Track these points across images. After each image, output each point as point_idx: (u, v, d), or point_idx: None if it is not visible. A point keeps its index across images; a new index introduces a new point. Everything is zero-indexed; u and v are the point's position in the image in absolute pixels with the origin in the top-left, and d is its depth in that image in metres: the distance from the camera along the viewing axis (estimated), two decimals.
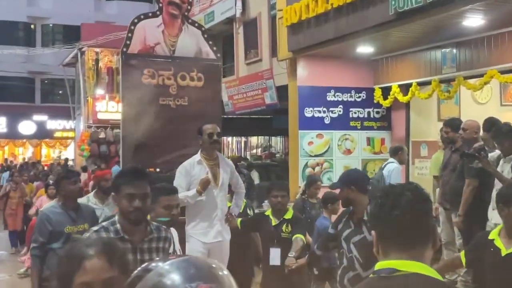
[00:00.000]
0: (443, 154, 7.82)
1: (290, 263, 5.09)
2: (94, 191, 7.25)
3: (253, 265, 6.97)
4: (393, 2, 7.85)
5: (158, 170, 8.71)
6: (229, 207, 6.20)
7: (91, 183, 10.90)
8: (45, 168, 22.38)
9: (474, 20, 7.84)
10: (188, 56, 7.74)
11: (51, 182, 12.32)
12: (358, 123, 10.71)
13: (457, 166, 7.21)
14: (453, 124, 7.61)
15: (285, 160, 14.09)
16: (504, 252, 3.84)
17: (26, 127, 31.92)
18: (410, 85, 9.66)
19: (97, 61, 19.85)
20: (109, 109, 18.99)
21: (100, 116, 18.91)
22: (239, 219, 6.10)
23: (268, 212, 5.82)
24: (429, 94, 9.37)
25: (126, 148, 7.34)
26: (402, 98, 9.88)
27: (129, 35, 7.37)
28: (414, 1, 7.55)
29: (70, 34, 28.64)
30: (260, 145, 21.14)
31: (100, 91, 19.59)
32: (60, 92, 30.66)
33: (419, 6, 7.50)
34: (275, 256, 5.51)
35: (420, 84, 9.55)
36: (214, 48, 7.95)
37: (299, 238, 5.41)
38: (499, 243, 3.91)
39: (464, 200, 6.60)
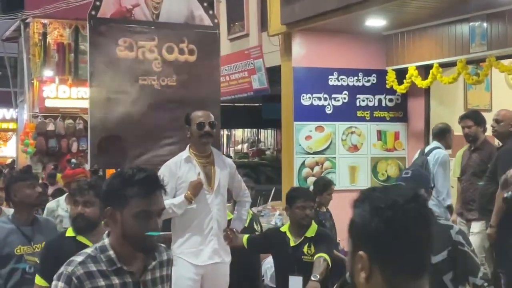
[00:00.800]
0: (462, 155, 7.87)
1: None
2: (65, 195, 6.88)
3: None
4: None
5: None
6: (230, 219, 5.80)
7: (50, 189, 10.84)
8: None
9: None
10: (177, 22, 7.13)
11: None
12: (367, 113, 10.73)
13: (481, 168, 7.28)
14: (476, 117, 7.63)
15: (277, 159, 14.12)
16: None
17: None
18: (431, 66, 9.69)
19: (44, 35, 19.83)
20: (60, 95, 18.96)
21: (49, 103, 18.89)
22: (246, 236, 5.69)
23: (285, 228, 5.52)
24: (454, 77, 9.37)
25: (95, 142, 6.65)
26: (420, 83, 9.90)
27: None
28: None
29: (12, 2, 28.52)
30: (247, 139, 21.16)
31: (48, 73, 19.58)
32: (0, 73, 30.49)
33: None
34: (296, 286, 5.16)
35: (443, 65, 9.59)
36: (210, 12, 7.40)
37: (322, 258, 5.13)
38: None
39: (497, 208, 6.62)
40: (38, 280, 4.22)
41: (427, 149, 8.62)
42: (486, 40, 8.94)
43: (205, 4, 7.21)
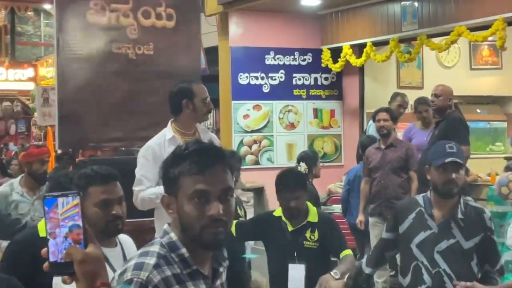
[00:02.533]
0: (367, 154, 7.86)
1: (323, 284, 4.35)
2: (21, 176, 6.42)
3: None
4: None
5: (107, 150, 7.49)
6: None
7: None
8: None
9: None
10: None
11: None
12: (303, 92, 10.75)
13: (399, 165, 7.46)
14: (392, 114, 7.71)
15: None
16: None
17: None
18: (364, 45, 9.75)
19: None
20: None
21: None
22: (234, 222, 4.83)
23: (279, 212, 4.86)
24: (386, 56, 9.45)
25: (63, 119, 5.93)
26: (355, 61, 9.97)
27: None
28: None
29: None
30: None
31: None
32: None
33: None
34: (297, 275, 4.62)
35: (376, 44, 9.68)
36: None
37: (350, 256, 4.68)
38: None
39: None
40: None
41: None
42: (417, 19, 9.05)
43: None
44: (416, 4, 9.03)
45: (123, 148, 6.58)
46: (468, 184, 7.70)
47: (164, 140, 4.76)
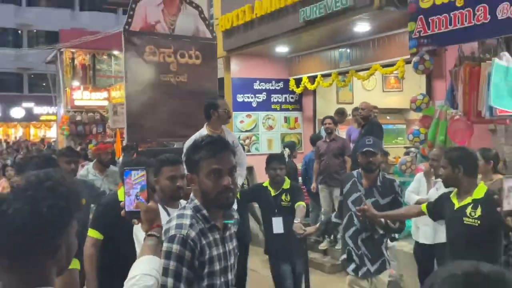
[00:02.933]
0: (317, 145, 7.87)
1: (299, 230, 4.31)
2: (93, 162, 6.57)
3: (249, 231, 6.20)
4: (302, 13, 7.88)
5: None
6: None
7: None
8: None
9: (362, 27, 7.95)
10: (187, 35, 6.31)
11: (9, 162, 10.81)
12: (278, 106, 10.70)
13: (338, 152, 7.51)
14: (334, 119, 7.85)
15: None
16: (456, 206, 3.58)
17: (17, 112, 31.44)
18: (315, 76, 9.72)
19: (73, 59, 19.29)
20: (84, 97, 18.51)
21: (77, 103, 18.44)
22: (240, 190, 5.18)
23: (266, 183, 5.01)
24: (329, 83, 9.45)
25: (130, 124, 5.89)
26: (310, 87, 9.96)
27: (131, 13, 5.93)
28: (317, 12, 7.61)
29: (51, 38, 27.70)
30: None
31: (76, 83, 19.07)
32: (44, 84, 29.55)
33: (322, 16, 7.57)
34: (277, 225, 4.78)
35: (323, 75, 9.61)
36: (210, 28, 6.63)
37: (301, 205, 4.68)
38: (454, 199, 3.63)
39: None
40: (92, 232, 3.59)
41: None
42: (349, 60, 9.06)
43: (206, 22, 6.52)
44: (348, 50, 9.03)
45: (165, 142, 6.52)
46: (388, 164, 7.77)
47: (201, 135, 4.54)
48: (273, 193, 4.90)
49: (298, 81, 10.32)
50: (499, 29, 5.58)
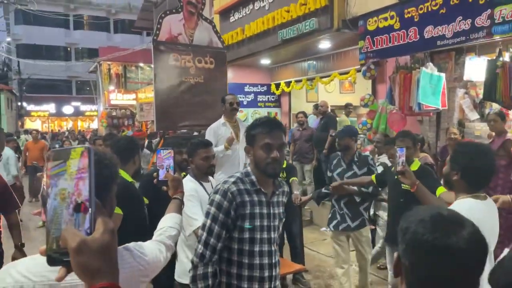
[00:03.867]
0: (292, 132, 7.82)
1: (297, 200, 4.16)
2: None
3: None
4: (280, 34, 7.82)
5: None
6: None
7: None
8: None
9: (325, 44, 7.91)
10: (203, 45, 6.07)
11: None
12: (262, 104, 10.57)
13: (308, 138, 7.41)
14: (305, 114, 7.77)
15: None
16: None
17: (67, 109, 31.32)
18: (290, 81, 9.66)
19: (109, 70, 18.98)
20: (118, 98, 18.16)
21: (112, 102, 18.11)
22: None
23: None
24: (301, 87, 9.39)
25: (159, 115, 5.65)
26: (286, 89, 9.89)
27: (158, 26, 5.72)
28: (291, 33, 7.55)
29: (92, 53, 27.31)
30: None
31: (111, 87, 18.76)
32: (88, 88, 29.21)
33: (295, 36, 7.51)
34: None
35: (296, 81, 9.55)
36: (221, 39, 6.36)
37: (295, 180, 4.44)
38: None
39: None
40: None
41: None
42: (315, 69, 9.03)
43: (218, 35, 6.30)
44: (314, 62, 9.00)
45: (184, 130, 6.17)
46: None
47: (219, 124, 4.42)
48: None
49: (277, 85, 10.24)
50: (425, 45, 5.59)
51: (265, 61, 9.80)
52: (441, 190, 3.00)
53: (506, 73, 4.66)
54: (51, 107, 31.19)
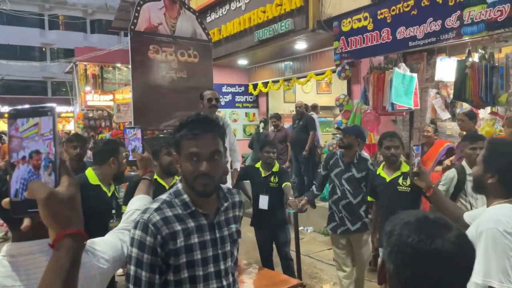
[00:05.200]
0: (270, 135, 7.74)
1: (295, 204, 3.82)
2: None
3: None
4: (256, 34, 7.78)
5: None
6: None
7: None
8: None
9: (301, 45, 7.90)
10: (186, 36, 5.43)
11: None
12: (240, 104, 10.50)
13: (282, 140, 7.38)
14: (279, 117, 7.73)
15: None
16: (388, 179, 3.34)
17: None
18: (268, 82, 9.63)
19: (85, 70, 18.56)
20: (94, 99, 17.81)
21: (89, 103, 17.73)
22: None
23: (258, 165, 4.28)
24: (278, 87, 9.36)
25: (136, 113, 5.03)
26: (264, 90, 9.86)
27: (136, 14, 5.06)
28: (268, 34, 7.51)
29: (68, 54, 26.77)
30: None
31: (88, 88, 18.36)
32: (64, 89, 28.63)
33: (271, 36, 7.48)
34: (264, 202, 4.11)
35: (273, 81, 9.52)
36: (206, 31, 5.67)
37: (288, 185, 4.05)
38: (383, 174, 3.38)
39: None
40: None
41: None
42: (292, 70, 9.02)
43: (203, 25, 5.63)
44: (291, 63, 8.99)
45: (165, 130, 5.49)
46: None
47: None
48: (263, 174, 4.19)
49: (255, 86, 10.19)
50: (398, 46, 5.64)
51: (242, 62, 9.74)
52: None
53: (475, 73, 4.74)
54: None
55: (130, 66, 4.99)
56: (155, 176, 2.79)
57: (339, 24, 6.43)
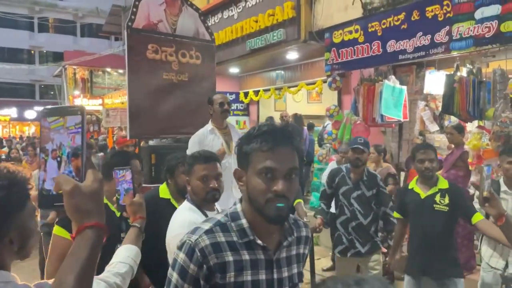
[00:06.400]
0: None
1: (313, 227, 3.42)
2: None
3: None
4: (248, 43, 7.82)
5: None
6: None
7: None
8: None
9: (292, 55, 7.95)
10: (188, 35, 4.93)
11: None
12: (231, 112, 10.48)
13: None
14: (267, 121, 7.74)
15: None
16: (422, 195, 2.98)
17: (30, 114, 29.81)
18: (259, 91, 9.66)
19: (74, 74, 18.44)
20: (83, 103, 17.51)
21: None
22: None
23: None
24: (269, 96, 9.39)
25: (132, 119, 4.45)
26: (255, 98, 9.88)
27: (134, 10, 4.59)
28: (260, 43, 7.55)
29: (58, 57, 26.51)
30: None
31: (77, 92, 18.20)
32: (52, 92, 28.33)
33: (263, 46, 7.52)
34: None
35: (265, 90, 9.55)
36: (209, 30, 5.17)
37: (301, 203, 3.64)
38: (417, 189, 3.02)
39: None
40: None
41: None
42: (283, 79, 9.06)
43: (205, 24, 5.15)
44: (282, 72, 9.03)
45: (163, 140, 5.05)
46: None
47: (206, 131, 3.55)
48: None
49: (246, 94, 10.21)
50: (388, 59, 5.71)
51: (234, 70, 9.76)
52: (478, 218, 2.66)
53: (463, 88, 4.82)
54: (12, 112, 29.92)
55: (126, 67, 4.48)
56: (169, 196, 2.57)
57: (330, 36, 6.50)
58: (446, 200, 2.89)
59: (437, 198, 2.91)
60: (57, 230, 1.90)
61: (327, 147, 7.08)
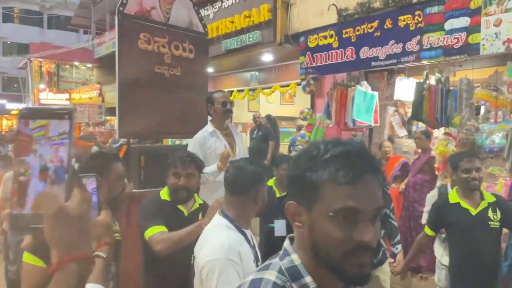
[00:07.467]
0: (250, 132, 7.88)
1: None
2: None
3: None
4: (224, 44, 7.79)
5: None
6: None
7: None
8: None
9: (267, 57, 7.99)
10: (181, 26, 4.47)
11: None
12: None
13: (263, 139, 7.42)
14: (258, 119, 7.77)
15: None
16: (474, 212, 2.62)
17: None
18: (233, 91, 9.59)
19: (40, 67, 17.75)
20: (49, 97, 16.98)
21: (42, 101, 16.83)
22: None
23: (270, 183, 3.38)
24: (243, 96, 9.35)
25: (121, 116, 3.98)
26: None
27: None
28: (235, 44, 7.55)
29: (23, 49, 25.48)
30: None
31: (42, 86, 17.52)
32: (15, 85, 27.16)
33: (238, 47, 7.52)
34: (280, 228, 3.19)
35: (239, 91, 9.50)
36: (203, 22, 4.81)
37: None
38: (465, 204, 2.65)
39: None
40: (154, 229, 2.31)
41: None
42: (257, 80, 9.07)
43: (199, 15, 4.75)
44: (257, 73, 9.04)
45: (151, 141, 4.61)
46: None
47: (207, 133, 3.29)
48: (278, 194, 3.38)
49: None
50: (360, 65, 5.85)
51: (209, 70, 9.66)
52: None
53: (431, 95, 5.00)
54: None
55: (116, 56, 4.00)
56: (166, 198, 2.46)
57: (305, 40, 6.58)
58: (499, 215, 2.59)
59: (490, 213, 2.59)
60: (27, 257, 1.47)
61: (298, 149, 7.15)
